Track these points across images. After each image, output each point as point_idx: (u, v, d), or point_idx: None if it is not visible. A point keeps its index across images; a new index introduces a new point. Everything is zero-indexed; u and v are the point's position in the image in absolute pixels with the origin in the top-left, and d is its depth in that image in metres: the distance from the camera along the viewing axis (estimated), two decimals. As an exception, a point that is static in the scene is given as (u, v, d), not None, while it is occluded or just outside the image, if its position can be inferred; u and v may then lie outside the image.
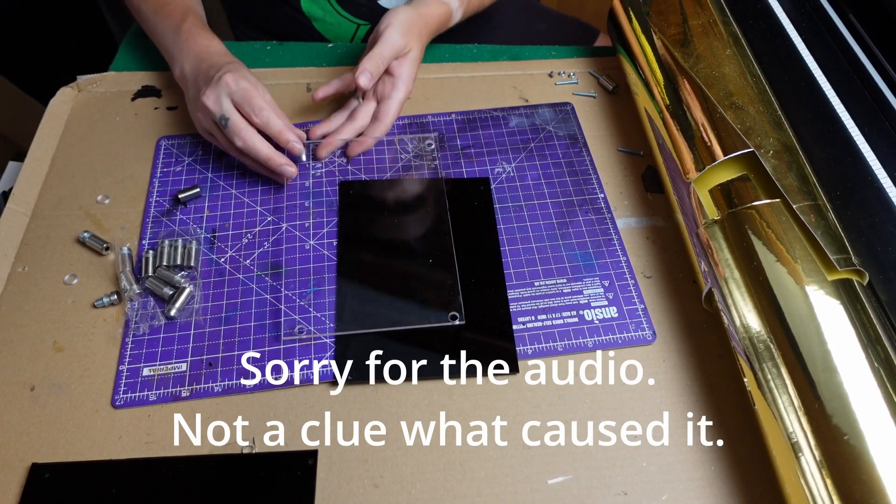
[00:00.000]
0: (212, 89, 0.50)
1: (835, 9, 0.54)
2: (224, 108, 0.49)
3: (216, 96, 0.49)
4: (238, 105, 0.49)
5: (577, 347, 0.46)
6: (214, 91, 0.49)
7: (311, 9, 0.69)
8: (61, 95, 0.60)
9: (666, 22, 0.55)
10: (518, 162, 0.57)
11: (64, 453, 0.41)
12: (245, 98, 0.49)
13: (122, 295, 0.47)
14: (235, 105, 0.49)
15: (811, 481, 0.34)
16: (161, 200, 0.54)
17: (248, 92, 0.49)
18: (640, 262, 0.51)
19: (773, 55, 0.52)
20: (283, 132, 0.51)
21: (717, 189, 0.45)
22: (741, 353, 0.39)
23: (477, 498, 0.40)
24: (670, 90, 0.51)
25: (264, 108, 0.49)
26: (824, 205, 0.41)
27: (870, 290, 0.40)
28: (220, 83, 0.49)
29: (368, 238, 0.51)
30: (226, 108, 0.49)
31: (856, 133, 0.46)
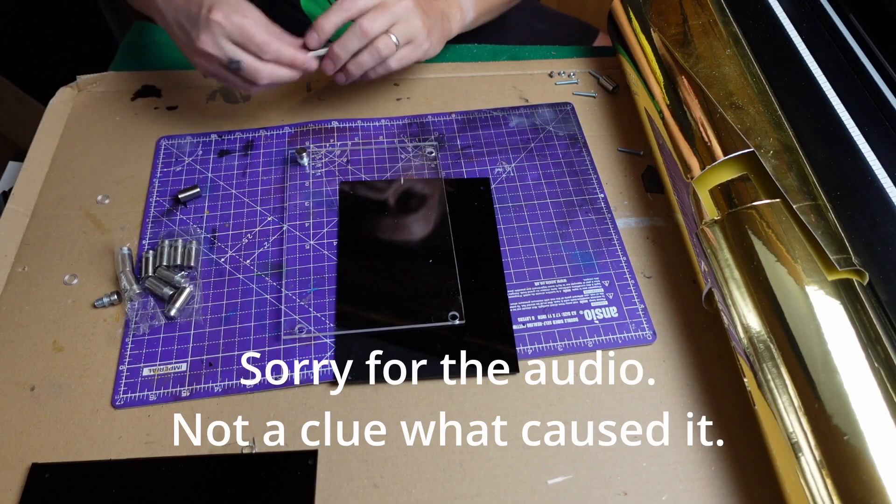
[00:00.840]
0: (204, 33, 0.47)
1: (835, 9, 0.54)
2: (228, 51, 0.47)
3: (212, 40, 0.47)
4: (240, 44, 0.48)
5: (577, 347, 0.46)
6: (208, 34, 0.47)
7: (310, 7, 0.69)
8: (61, 95, 0.60)
9: (666, 22, 0.55)
10: (518, 162, 0.57)
11: (64, 453, 0.41)
12: (245, 36, 0.47)
13: (122, 295, 0.47)
14: (236, 44, 0.48)
15: (811, 481, 0.34)
16: (161, 200, 0.54)
17: (246, 28, 0.47)
18: (640, 262, 0.51)
19: (773, 55, 0.52)
20: (296, 58, 0.49)
21: (717, 189, 0.45)
22: (741, 353, 0.39)
23: (477, 498, 0.40)
24: (670, 90, 0.51)
25: (269, 41, 0.48)
26: (824, 205, 0.41)
27: (870, 290, 0.40)
28: (211, 24, 0.47)
29: (368, 238, 0.51)
30: (229, 50, 0.47)
31: (856, 133, 0.46)
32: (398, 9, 0.50)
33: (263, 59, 0.48)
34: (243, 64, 0.48)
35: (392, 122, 0.60)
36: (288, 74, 0.50)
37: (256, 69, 0.48)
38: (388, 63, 0.52)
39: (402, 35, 0.51)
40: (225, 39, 0.47)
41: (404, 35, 0.51)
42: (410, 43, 0.52)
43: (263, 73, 0.48)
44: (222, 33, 0.47)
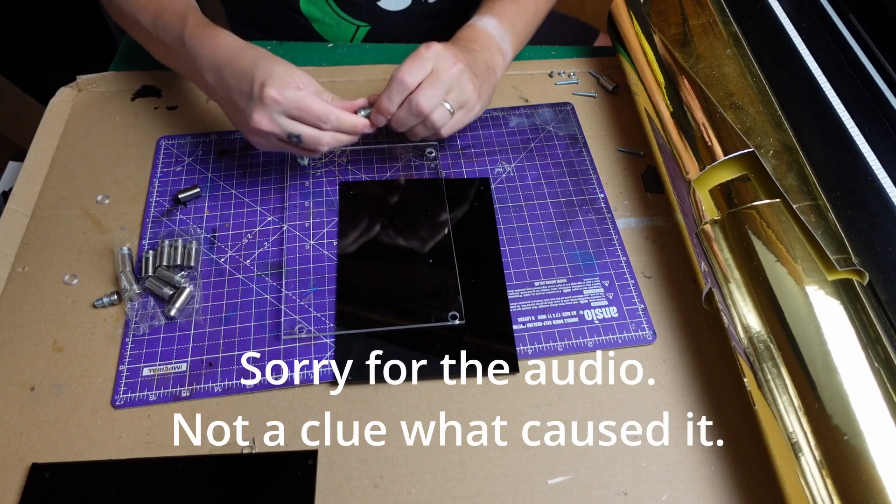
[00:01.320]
0: (259, 112, 0.46)
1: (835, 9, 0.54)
2: (287, 127, 0.46)
3: (268, 117, 0.46)
4: (297, 118, 0.46)
5: (577, 347, 0.46)
6: (263, 112, 0.46)
7: (309, 10, 0.69)
8: (61, 95, 0.60)
9: (666, 22, 0.55)
10: (518, 162, 0.57)
11: (64, 453, 0.41)
12: (302, 109, 0.46)
13: (122, 295, 0.47)
14: (293, 118, 0.46)
15: (811, 481, 0.34)
16: (161, 200, 0.54)
17: (303, 102, 0.45)
18: (640, 262, 0.51)
19: (773, 55, 0.52)
20: (356, 126, 0.48)
21: (717, 189, 0.45)
22: (741, 353, 0.39)
23: (477, 498, 0.40)
24: (670, 90, 0.51)
25: (328, 111, 0.46)
26: (824, 205, 0.41)
27: (870, 290, 0.40)
28: (266, 102, 0.45)
29: (368, 238, 0.51)
30: (287, 125, 0.46)
31: (856, 133, 0.46)
32: (450, 76, 0.48)
33: (323, 129, 0.47)
34: (303, 137, 0.47)
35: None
36: (348, 139, 0.49)
37: (317, 139, 0.47)
38: (440, 132, 0.51)
39: (456, 102, 0.50)
40: (282, 116, 0.46)
41: (457, 102, 0.50)
42: (463, 107, 0.51)
43: (324, 141, 0.47)
44: (279, 110, 0.46)
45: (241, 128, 0.49)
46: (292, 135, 0.47)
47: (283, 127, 0.46)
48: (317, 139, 0.47)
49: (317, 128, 0.47)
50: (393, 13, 0.70)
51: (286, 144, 0.49)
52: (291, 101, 0.45)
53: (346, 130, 0.48)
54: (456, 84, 0.49)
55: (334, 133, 0.48)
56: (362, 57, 0.66)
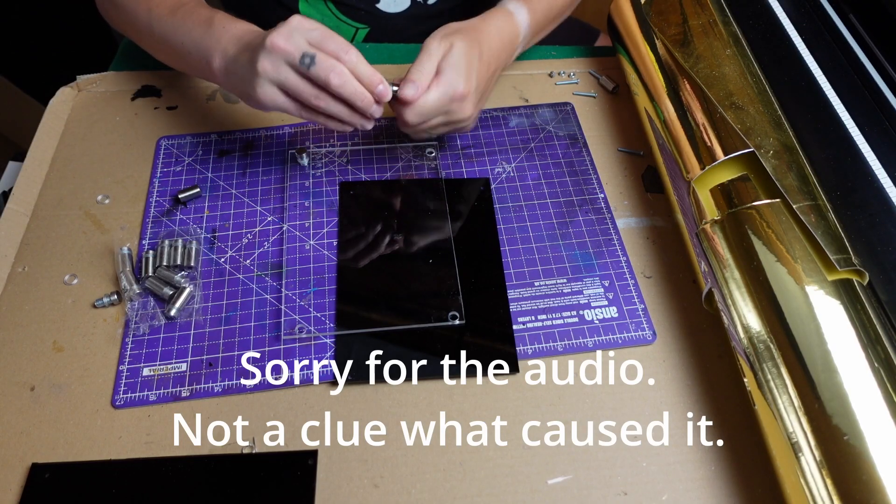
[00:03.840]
0: (279, 32, 0.43)
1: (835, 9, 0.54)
2: (302, 46, 0.43)
3: (287, 35, 0.43)
4: (318, 44, 0.43)
5: (577, 347, 0.46)
6: (283, 32, 0.43)
7: (308, 13, 0.69)
8: (61, 95, 0.60)
9: (666, 22, 0.55)
10: (518, 162, 0.57)
11: (64, 453, 0.41)
12: (325, 36, 0.43)
13: (122, 295, 0.47)
14: (315, 45, 0.44)
15: (811, 481, 0.34)
16: (161, 200, 0.54)
17: (325, 30, 0.43)
18: (640, 262, 0.51)
19: (773, 55, 0.52)
20: (373, 73, 0.45)
21: (717, 189, 0.45)
22: (741, 353, 0.39)
23: (477, 498, 0.40)
24: (670, 90, 0.51)
25: (350, 47, 0.44)
26: (824, 205, 0.41)
27: (870, 290, 0.40)
28: (289, 24, 0.43)
29: (368, 238, 0.51)
30: (303, 45, 0.43)
31: (856, 133, 0.46)
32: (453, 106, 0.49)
33: (341, 58, 0.44)
34: (317, 58, 0.43)
35: (392, 122, 0.60)
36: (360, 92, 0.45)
37: (330, 64, 0.43)
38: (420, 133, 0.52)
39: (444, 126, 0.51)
40: (300, 35, 0.43)
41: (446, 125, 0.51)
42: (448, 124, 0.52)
43: (338, 68, 0.43)
44: (299, 30, 0.43)
45: (247, 74, 0.45)
46: (306, 54, 0.43)
47: (298, 45, 0.43)
48: (329, 65, 0.43)
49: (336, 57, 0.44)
50: (392, 15, 0.70)
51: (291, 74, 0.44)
52: (317, 28, 0.44)
53: (362, 73, 0.45)
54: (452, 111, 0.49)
55: (350, 77, 0.44)
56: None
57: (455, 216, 0.53)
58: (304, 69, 0.43)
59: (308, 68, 0.43)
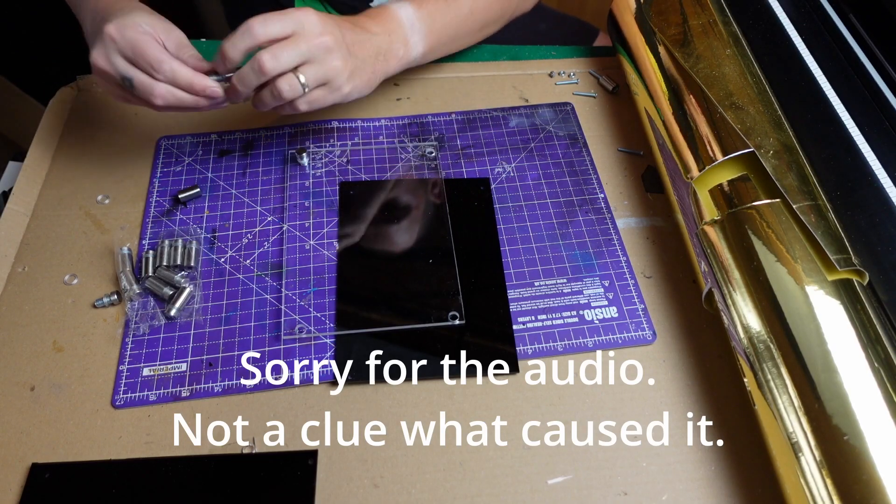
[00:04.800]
0: (97, 48, 0.44)
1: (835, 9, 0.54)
2: (120, 68, 0.43)
3: (104, 55, 0.43)
4: (133, 61, 0.43)
5: (577, 347, 0.46)
6: (101, 49, 0.43)
7: None
8: (61, 95, 0.60)
9: (666, 22, 0.55)
10: (518, 162, 0.57)
11: (64, 453, 0.41)
12: (136, 52, 0.43)
13: (122, 295, 0.47)
14: (130, 61, 0.44)
15: (811, 481, 0.34)
16: (161, 200, 0.54)
17: (138, 44, 0.43)
18: (640, 262, 0.51)
19: (773, 55, 0.52)
20: (193, 82, 0.44)
21: (717, 189, 0.45)
22: (741, 353, 0.39)
23: (477, 498, 0.40)
24: (670, 90, 0.51)
25: (163, 60, 0.43)
26: (824, 205, 0.41)
27: (870, 290, 0.40)
28: (105, 38, 0.43)
29: (368, 238, 0.51)
30: (121, 67, 0.43)
31: (856, 133, 0.46)
32: (313, 45, 0.44)
33: (157, 78, 0.44)
34: (134, 81, 0.44)
35: (392, 122, 0.60)
36: (190, 99, 0.45)
37: (149, 87, 0.44)
38: (296, 104, 0.46)
39: (314, 77, 0.45)
40: (116, 54, 0.43)
41: (316, 77, 0.45)
42: (325, 85, 0.47)
43: (156, 91, 0.44)
44: (115, 48, 0.43)
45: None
46: (125, 77, 0.44)
47: (117, 68, 0.43)
48: (149, 88, 0.44)
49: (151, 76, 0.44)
50: None
51: (120, 90, 0.45)
52: (127, 42, 0.43)
53: (182, 86, 0.44)
54: (318, 57, 0.45)
55: (170, 87, 0.44)
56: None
57: (455, 216, 0.53)
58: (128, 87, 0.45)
59: (130, 88, 0.44)
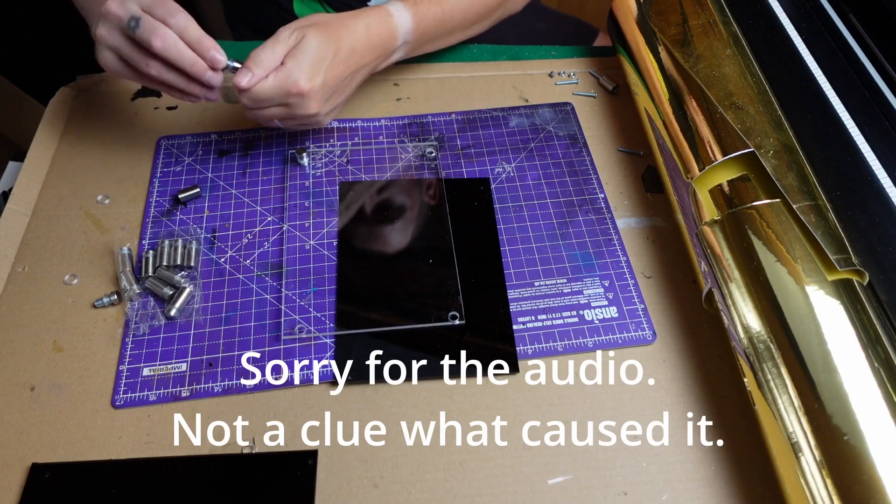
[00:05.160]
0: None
1: (835, 9, 0.54)
2: (131, 9, 0.42)
3: (121, 0, 0.43)
4: (148, 8, 0.43)
5: (577, 347, 0.46)
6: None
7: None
8: (61, 95, 0.60)
9: (666, 22, 0.55)
10: (518, 162, 0.57)
11: (64, 453, 0.41)
12: (155, 1, 0.43)
13: (122, 295, 0.47)
14: (145, 8, 0.43)
15: (811, 481, 0.34)
16: (161, 200, 0.54)
17: None
18: (640, 262, 0.51)
19: (773, 55, 0.52)
20: (203, 38, 0.44)
21: (717, 189, 0.45)
22: (741, 353, 0.39)
23: (477, 498, 0.40)
24: (670, 90, 0.51)
25: (180, 10, 0.43)
26: (824, 205, 0.41)
27: (870, 290, 0.40)
28: None
29: (368, 238, 0.51)
30: (132, 9, 0.42)
31: (856, 133, 0.46)
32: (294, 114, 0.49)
33: (168, 22, 0.43)
34: (141, 21, 0.42)
35: (392, 122, 0.60)
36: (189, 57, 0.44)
37: (153, 28, 0.42)
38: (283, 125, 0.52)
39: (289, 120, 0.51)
40: (132, 1, 0.43)
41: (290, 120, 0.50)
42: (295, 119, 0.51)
43: (159, 32, 0.42)
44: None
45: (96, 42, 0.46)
46: (133, 17, 0.42)
47: (129, 10, 0.43)
48: (152, 28, 0.42)
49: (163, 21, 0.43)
50: None
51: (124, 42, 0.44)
52: None
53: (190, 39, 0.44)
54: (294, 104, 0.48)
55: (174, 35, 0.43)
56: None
57: (455, 216, 0.53)
58: (131, 33, 0.43)
59: (133, 31, 0.43)
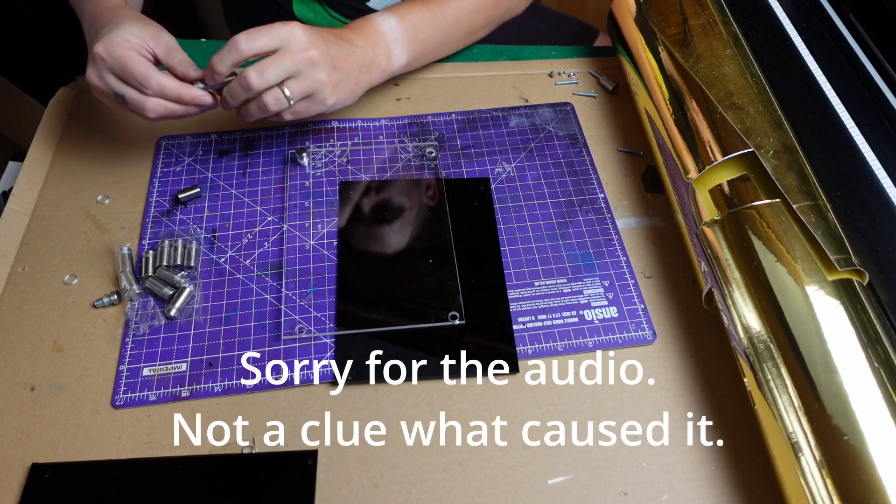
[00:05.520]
0: (91, 67, 0.46)
1: (835, 9, 0.54)
2: (112, 86, 0.45)
3: (97, 74, 0.46)
4: (123, 77, 0.45)
5: (577, 347, 0.46)
6: (93, 68, 0.46)
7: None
8: (61, 95, 0.60)
9: (666, 22, 0.55)
10: (518, 162, 0.57)
11: (64, 453, 0.41)
12: (125, 70, 0.45)
13: (122, 295, 0.47)
14: (120, 78, 0.45)
15: (811, 481, 0.34)
16: (161, 200, 0.54)
17: (125, 61, 0.44)
18: (640, 262, 0.51)
19: (773, 55, 0.52)
20: (181, 94, 0.46)
21: (717, 189, 0.45)
22: (741, 353, 0.39)
23: (477, 498, 0.40)
24: (670, 90, 0.51)
25: (150, 76, 0.45)
26: (824, 205, 0.41)
27: (870, 290, 0.40)
28: (95, 58, 0.45)
29: (368, 238, 0.51)
30: (113, 84, 0.45)
31: (856, 133, 0.46)
32: (298, 60, 0.46)
33: (146, 93, 0.46)
34: (127, 98, 0.46)
35: (392, 122, 0.60)
36: (181, 109, 0.47)
37: (141, 103, 0.46)
38: (281, 115, 0.48)
39: (299, 90, 0.47)
40: (107, 73, 0.45)
41: (301, 90, 0.47)
42: (310, 97, 0.48)
43: (148, 106, 0.46)
44: (105, 67, 0.45)
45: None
46: (118, 94, 0.46)
47: (110, 85, 0.46)
48: (140, 103, 0.46)
49: (141, 91, 0.46)
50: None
51: (117, 104, 0.47)
52: (116, 60, 0.45)
53: (171, 98, 0.46)
54: (302, 71, 0.46)
55: (160, 101, 0.46)
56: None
57: (455, 216, 0.53)
58: (122, 103, 0.47)
59: (124, 105, 0.47)
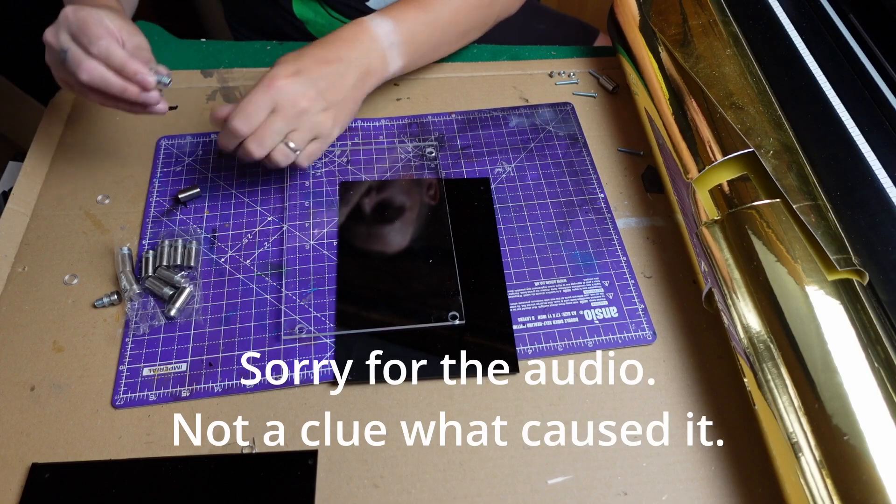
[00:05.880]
0: (53, 25, 0.45)
1: (835, 9, 0.54)
2: (61, 41, 0.44)
3: (55, 30, 0.44)
4: (75, 36, 0.44)
5: (577, 347, 0.46)
6: (53, 27, 0.45)
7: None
8: (61, 95, 0.60)
9: (666, 22, 0.55)
10: (518, 162, 0.57)
11: (64, 453, 0.41)
12: (81, 28, 0.43)
13: (122, 295, 0.47)
14: (73, 37, 0.44)
15: (811, 481, 0.34)
16: (161, 200, 0.54)
17: (85, 20, 0.43)
18: (640, 262, 0.51)
19: (773, 55, 0.52)
20: (126, 63, 0.44)
21: (717, 189, 0.45)
22: (741, 353, 0.39)
23: (477, 498, 0.40)
24: (670, 90, 0.51)
25: (101, 35, 0.43)
26: (824, 205, 0.41)
27: (870, 290, 0.40)
28: (60, 17, 0.44)
29: (368, 238, 0.51)
30: (63, 40, 0.44)
31: (856, 133, 0.46)
32: (290, 117, 0.46)
33: (91, 52, 0.44)
34: (68, 54, 0.44)
35: (392, 122, 0.60)
36: (117, 83, 0.44)
37: (78, 61, 0.43)
38: (297, 164, 0.50)
39: (302, 140, 0.48)
40: (65, 31, 0.44)
41: (304, 139, 0.48)
42: (316, 139, 0.49)
43: (84, 65, 0.43)
44: (65, 25, 0.44)
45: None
46: (62, 49, 0.44)
47: (60, 40, 0.44)
48: (78, 61, 0.44)
49: (87, 51, 0.44)
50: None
51: (60, 68, 0.46)
52: (77, 19, 0.44)
53: (115, 65, 0.44)
54: (300, 124, 0.47)
55: (98, 65, 0.44)
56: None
57: (455, 216, 0.53)
58: (62, 60, 0.44)
59: (64, 63, 0.44)
